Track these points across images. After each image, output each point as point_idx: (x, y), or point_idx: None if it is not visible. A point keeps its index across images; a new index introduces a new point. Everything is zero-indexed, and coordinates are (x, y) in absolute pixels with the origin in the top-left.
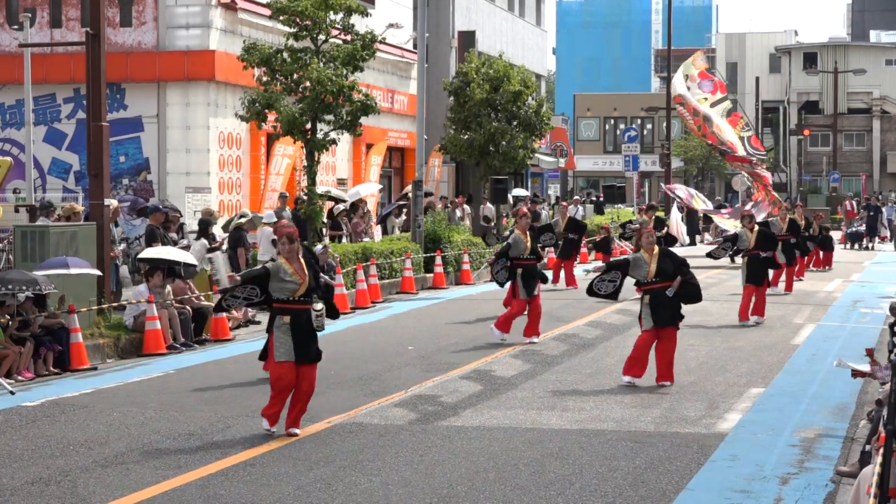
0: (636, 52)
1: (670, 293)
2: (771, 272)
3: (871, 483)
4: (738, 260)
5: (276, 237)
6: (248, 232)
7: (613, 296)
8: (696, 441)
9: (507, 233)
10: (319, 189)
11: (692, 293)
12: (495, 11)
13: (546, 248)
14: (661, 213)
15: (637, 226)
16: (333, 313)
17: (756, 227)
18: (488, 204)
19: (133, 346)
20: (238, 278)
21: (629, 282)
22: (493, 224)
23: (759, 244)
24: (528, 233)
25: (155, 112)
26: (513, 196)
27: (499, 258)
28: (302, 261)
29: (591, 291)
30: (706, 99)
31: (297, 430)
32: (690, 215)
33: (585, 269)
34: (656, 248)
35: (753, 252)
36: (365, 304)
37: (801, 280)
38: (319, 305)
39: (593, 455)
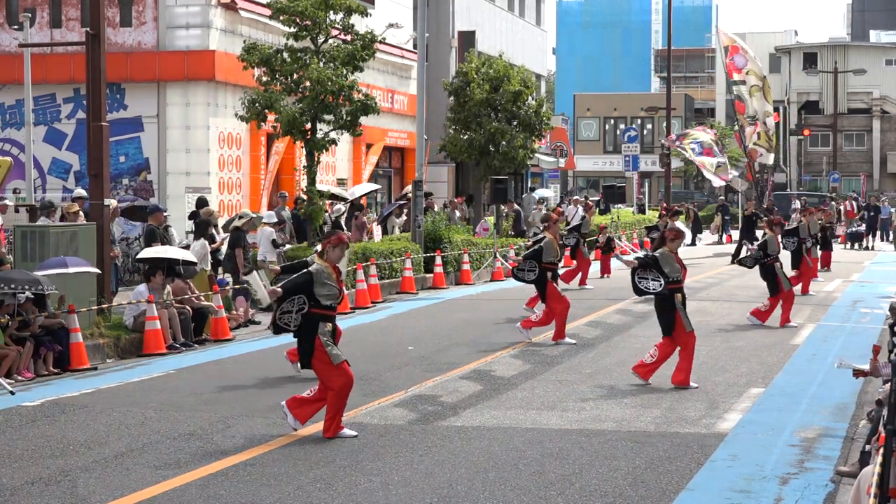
0: (636, 52)
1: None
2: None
3: (871, 483)
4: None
5: (332, 243)
6: (248, 232)
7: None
8: (696, 441)
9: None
10: (321, 187)
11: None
12: (495, 11)
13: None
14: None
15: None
16: None
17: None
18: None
19: (133, 346)
20: (279, 291)
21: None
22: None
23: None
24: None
25: (155, 112)
26: (539, 197)
27: (528, 261)
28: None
29: (638, 291)
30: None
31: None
32: (695, 219)
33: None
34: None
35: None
36: (365, 304)
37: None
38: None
39: (593, 455)
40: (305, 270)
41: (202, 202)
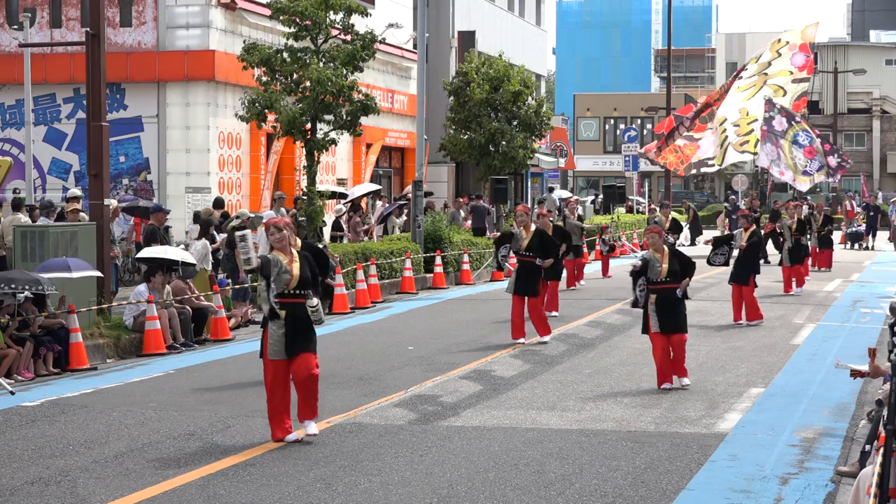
0: (636, 52)
1: (679, 293)
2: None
3: (871, 483)
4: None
5: (265, 230)
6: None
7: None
8: (696, 441)
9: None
10: (320, 188)
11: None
12: (495, 11)
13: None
14: (675, 214)
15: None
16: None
17: (751, 229)
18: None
19: (133, 346)
20: (260, 261)
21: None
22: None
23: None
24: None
25: (155, 112)
26: (559, 198)
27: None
28: (294, 252)
29: (635, 305)
30: (791, 73)
31: (313, 425)
32: (695, 218)
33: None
34: (666, 249)
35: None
36: (365, 304)
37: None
38: (314, 301)
39: (593, 455)
40: (263, 256)
41: (219, 203)
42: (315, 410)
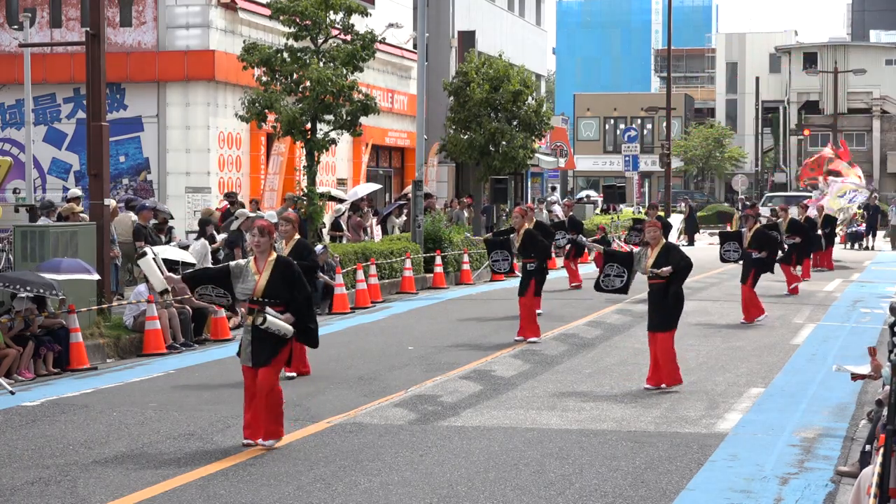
0: (636, 52)
1: (657, 272)
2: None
3: (871, 483)
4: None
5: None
6: (248, 232)
7: (623, 290)
8: (696, 441)
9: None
10: (320, 189)
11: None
12: (495, 11)
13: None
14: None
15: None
16: (309, 339)
17: (755, 228)
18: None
19: (133, 346)
20: (175, 277)
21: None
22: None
23: (752, 244)
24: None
25: (155, 112)
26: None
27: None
28: (270, 261)
29: (598, 287)
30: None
31: (267, 443)
32: (691, 217)
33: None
34: (661, 242)
35: (747, 251)
36: (365, 304)
37: (805, 280)
38: (260, 319)
39: (593, 455)
40: (225, 264)
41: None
42: (273, 433)
